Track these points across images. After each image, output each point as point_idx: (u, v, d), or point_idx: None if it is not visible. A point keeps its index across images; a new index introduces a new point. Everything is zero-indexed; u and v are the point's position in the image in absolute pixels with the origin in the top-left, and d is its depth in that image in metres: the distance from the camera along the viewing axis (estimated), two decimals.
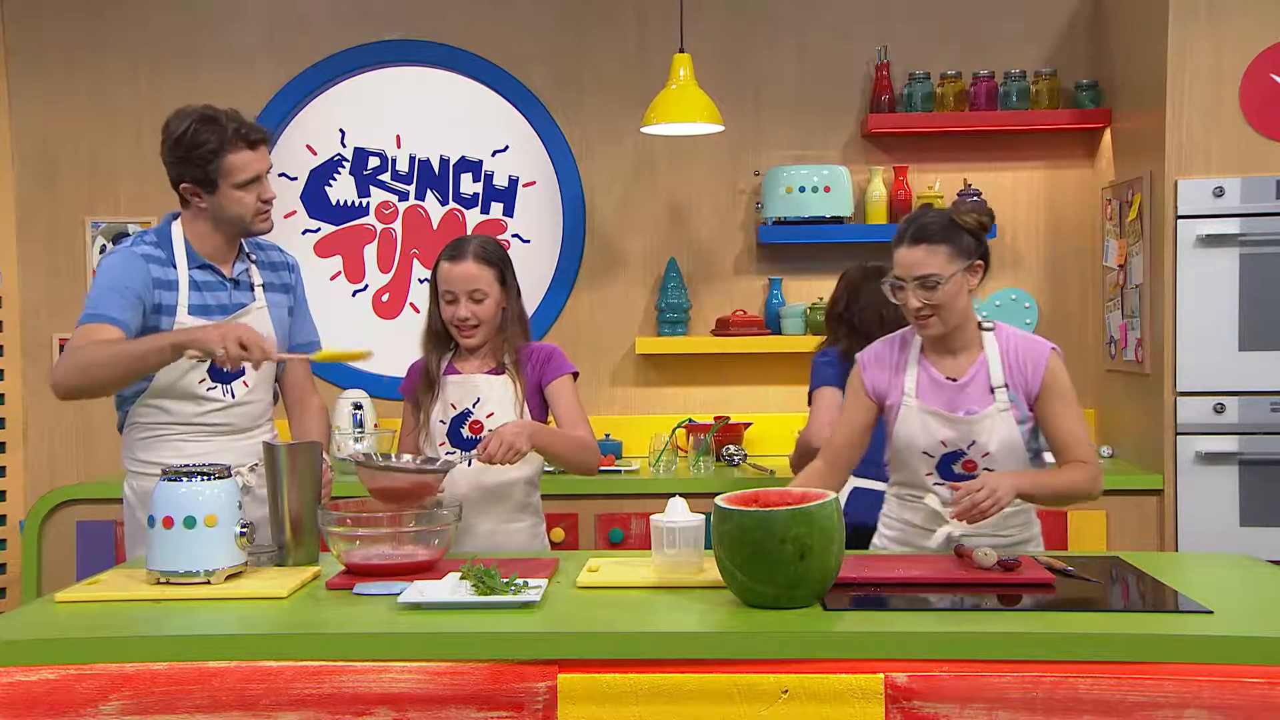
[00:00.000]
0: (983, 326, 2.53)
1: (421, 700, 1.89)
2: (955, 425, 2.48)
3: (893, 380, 2.56)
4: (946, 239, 2.45)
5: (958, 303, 2.46)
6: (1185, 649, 1.86)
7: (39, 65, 4.24)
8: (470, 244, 2.75)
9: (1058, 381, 2.48)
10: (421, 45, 4.26)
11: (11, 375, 4.22)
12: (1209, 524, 3.57)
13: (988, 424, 2.47)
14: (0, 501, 4.19)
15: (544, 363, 2.77)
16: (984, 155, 4.24)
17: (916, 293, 2.44)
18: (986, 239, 2.51)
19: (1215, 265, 3.56)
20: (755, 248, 4.27)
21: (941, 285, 2.43)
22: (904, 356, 2.57)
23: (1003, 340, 2.52)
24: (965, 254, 2.46)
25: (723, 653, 1.91)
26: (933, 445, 2.50)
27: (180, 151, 2.56)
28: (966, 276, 2.47)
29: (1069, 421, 2.48)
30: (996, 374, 2.49)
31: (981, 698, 1.86)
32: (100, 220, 4.24)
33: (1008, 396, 2.48)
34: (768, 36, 4.26)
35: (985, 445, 2.46)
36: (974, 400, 2.48)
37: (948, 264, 2.43)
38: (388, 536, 2.30)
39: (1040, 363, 2.48)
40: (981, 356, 2.51)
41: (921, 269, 2.44)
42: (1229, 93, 3.56)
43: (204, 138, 2.54)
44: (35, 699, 1.89)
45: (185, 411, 2.64)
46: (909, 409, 2.51)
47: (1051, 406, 2.48)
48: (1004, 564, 2.22)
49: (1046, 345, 2.51)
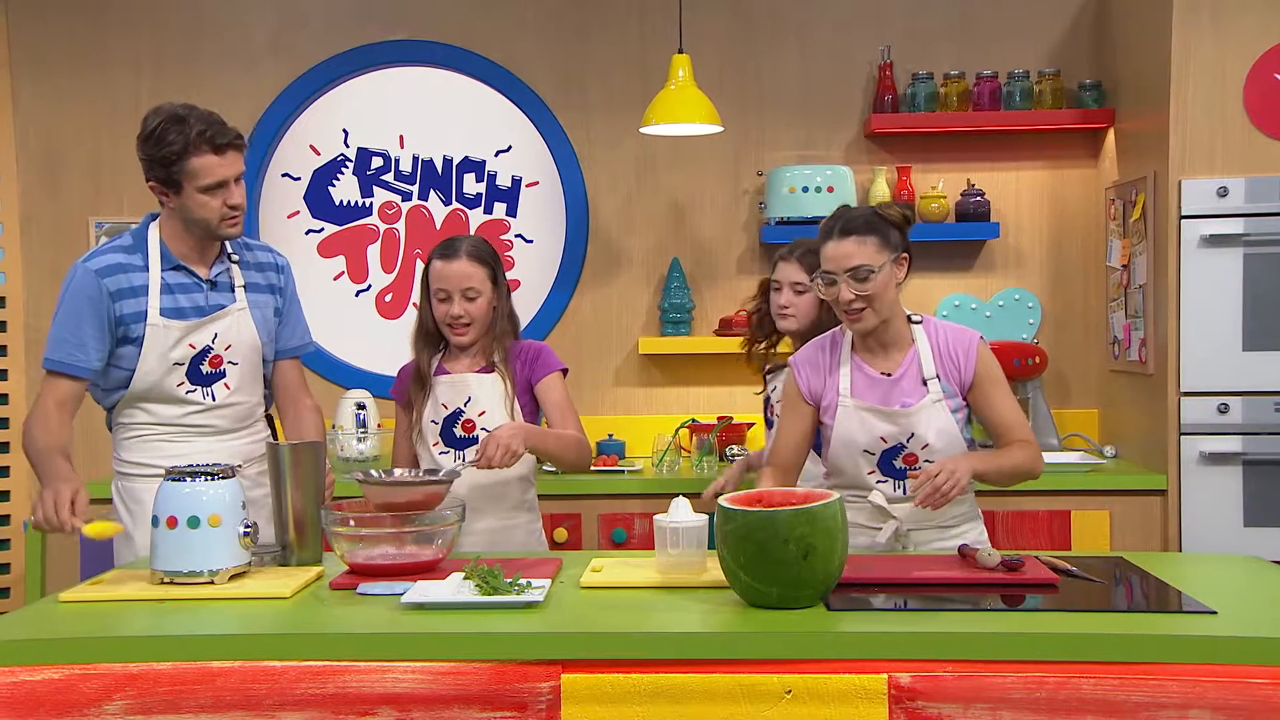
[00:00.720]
0: (911, 320, 2.58)
1: (425, 700, 1.90)
2: (893, 419, 2.50)
3: (827, 381, 2.58)
4: (873, 231, 2.49)
5: (888, 294, 2.50)
6: (1189, 649, 1.86)
7: (43, 65, 4.24)
8: (463, 243, 2.75)
9: (989, 368, 2.54)
10: (425, 45, 4.26)
11: (15, 375, 4.23)
12: (1213, 524, 3.56)
13: (924, 415, 2.50)
14: (4, 501, 4.19)
15: (533, 360, 2.78)
16: (987, 155, 4.24)
17: (849, 285, 2.47)
18: (909, 232, 2.56)
19: (1219, 265, 3.55)
20: (758, 248, 4.27)
21: (874, 275, 2.46)
22: (835, 357, 2.60)
23: (931, 332, 2.57)
24: (892, 246, 2.50)
25: (726, 653, 1.91)
26: (872, 442, 2.52)
27: (148, 149, 2.55)
28: (894, 269, 2.51)
29: (1006, 405, 2.54)
30: (929, 366, 2.53)
31: (985, 698, 1.86)
32: (104, 220, 4.25)
33: (940, 387, 2.52)
34: (771, 36, 4.26)
35: (924, 437, 2.49)
36: (907, 394, 2.52)
37: (877, 255, 2.48)
38: (391, 537, 2.30)
39: (971, 351, 2.53)
40: (913, 350, 2.55)
41: (852, 260, 2.47)
42: (1233, 92, 3.56)
43: (170, 138, 2.51)
44: (40, 699, 1.89)
45: (168, 413, 2.65)
46: (845, 409, 2.53)
47: (986, 391, 2.53)
48: (1007, 564, 2.22)
49: (974, 334, 2.57)
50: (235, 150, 2.56)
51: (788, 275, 2.99)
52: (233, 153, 2.56)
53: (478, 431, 2.72)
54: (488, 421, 2.72)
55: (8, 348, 4.22)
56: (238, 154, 2.57)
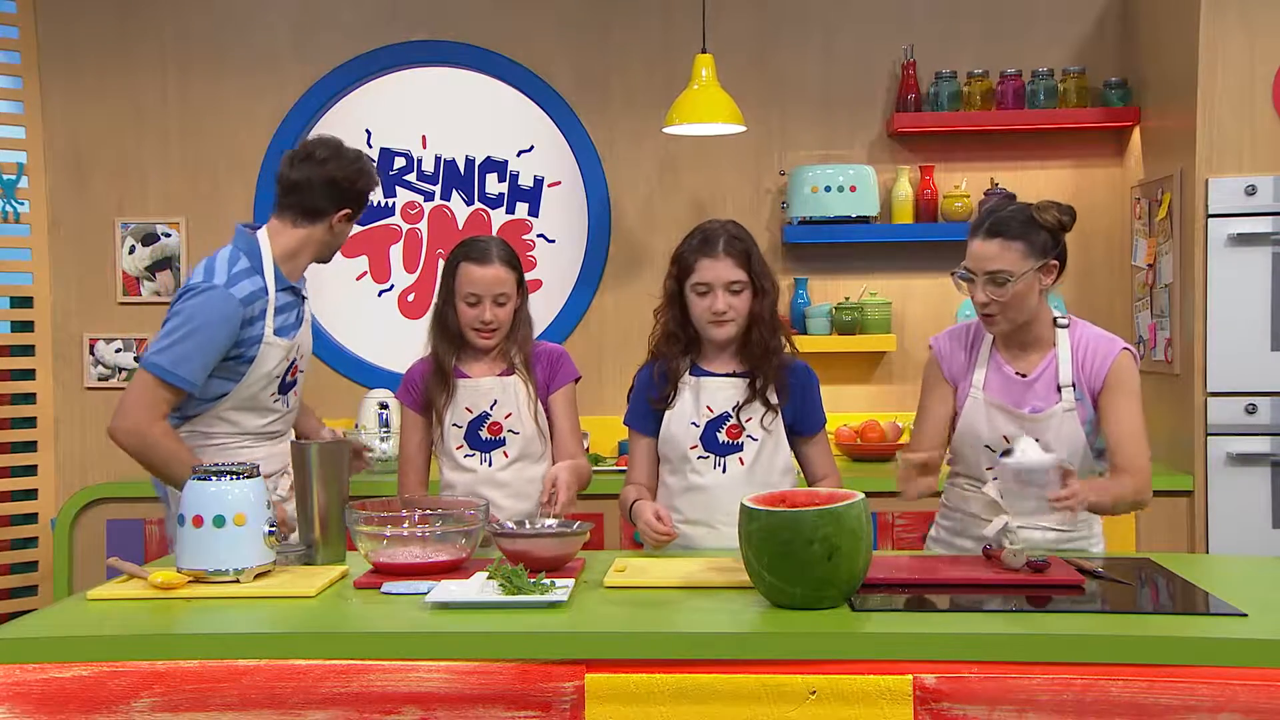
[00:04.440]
0: (1058, 323, 2.48)
1: (449, 699, 1.90)
2: (1020, 421, 2.44)
3: (965, 369, 2.52)
4: (1022, 235, 2.38)
5: (1026, 302, 2.40)
6: (1220, 652, 1.84)
7: (71, 68, 4.28)
8: (493, 247, 2.74)
9: (1121, 379, 2.42)
10: (447, 46, 4.27)
11: (43, 375, 4.26)
12: (1240, 526, 3.53)
13: (1053, 423, 2.43)
14: (31, 500, 4.23)
15: (553, 365, 2.78)
16: (1011, 154, 4.21)
17: (985, 288, 2.39)
18: (1064, 237, 2.44)
19: (1247, 264, 3.52)
20: (780, 247, 4.26)
21: (1011, 283, 2.37)
22: (976, 348, 2.53)
23: (1075, 338, 2.47)
24: (1040, 252, 2.39)
25: (750, 653, 1.91)
26: (995, 440, 2.46)
27: (349, 174, 2.71)
28: (1039, 276, 2.40)
29: (1124, 421, 2.41)
30: (1066, 372, 2.44)
31: (1011, 700, 1.84)
32: (130, 221, 4.28)
33: (1074, 395, 2.43)
34: (793, 36, 4.25)
35: (1050, 444, 2.40)
36: (1040, 397, 2.45)
37: (1020, 261, 2.37)
38: (415, 536, 2.31)
39: (1108, 359, 2.43)
40: (1052, 353, 2.47)
41: (993, 264, 2.38)
42: (1262, 90, 3.52)
43: (372, 173, 2.77)
44: (69, 695, 1.91)
45: (253, 423, 2.73)
46: (975, 401, 2.48)
47: (1109, 400, 2.42)
48: (1033, 565, 2.21)
49: (1120, 343, 2.46)
50: None
51: (720, 274, 2.54)
52: None
53: (504, 434, 2.72)
54: (515, 424, 2.72)
55: (35, 347, 4.25)
56: None
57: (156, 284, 4.28)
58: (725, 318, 2.54)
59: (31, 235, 4.25)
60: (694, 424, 2.59)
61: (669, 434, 2.61)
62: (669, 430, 2.61)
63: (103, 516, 3.82)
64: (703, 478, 2.58)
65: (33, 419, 4.24)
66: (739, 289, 2.55)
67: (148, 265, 4.28)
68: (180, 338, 2.59)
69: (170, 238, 4.27)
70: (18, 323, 4.24)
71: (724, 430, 2.58)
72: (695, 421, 2.59)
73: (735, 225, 2.62)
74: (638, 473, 2.69)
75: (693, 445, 2.59)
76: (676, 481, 2.62)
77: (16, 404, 4.22)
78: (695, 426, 2.59)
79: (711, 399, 2.60)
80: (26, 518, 4.21)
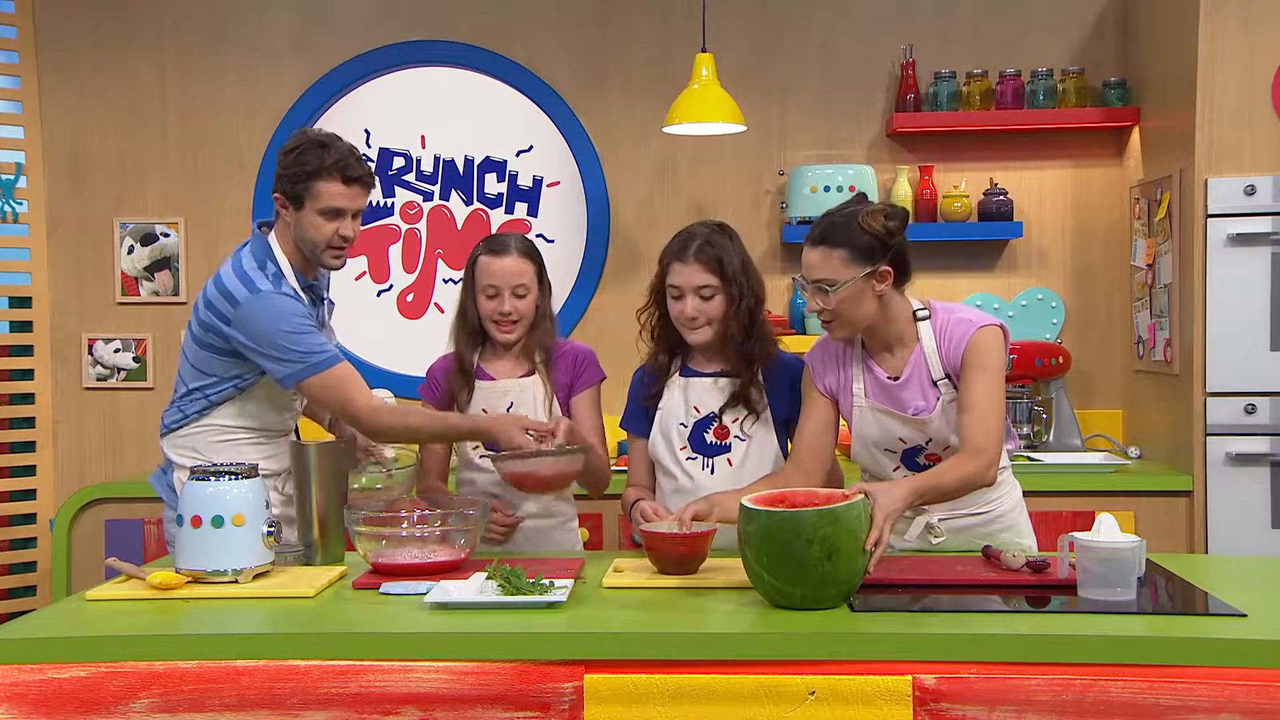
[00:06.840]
0: (918, 317, 2.40)
1: (448, 700, 1.90)
2: (907, 424, 2.42)
3: (840, 378, 2.49)
4: (845, 242, 2.30)
5: (859, 309, 2.33)
6: (1219, 652, 1.84)
7: (68, 66, 4.27)
8: (512, 239, 2.74)
9: (975, 356, 2.32)
10: (446, 45, 4.27)
11: (41, 375, 4.26)
12: (1239, 526, 3.53)
13: (939, 422, 2.39)
14: (30, 500, 4.22)
15: (578, 365, 2.76)
16: (1010, 154, 4.21)
17: (814, 296, 2.35)
18: (896, 241, 2.32)
19: (1246, 264, 3.52)
20: (779, 247, 4.26)
21: (833, 291, 2.31)
22: (848, 354, 2.48)
23: (937, 327, 2.39)
24: (866, 259, 2.29)
25: (749, 654, 1.91)
26: (891, 442, 2.45)
27: (285, 162, 2.62)
28: (870, 283, 2.31)
29: (973, 397, 2.29)
30: (936, 367, 2.38)
31: (1010, 700, 1.84)
32: (129, 221, 4.28)
33: (951, 386, 2.38)
34: (793, 35, 4.25)
35: (944, 440, 2.39)
36: (918, 397, 2.40)
37: (843, 269, 2.30)
38: (414, 537, 2.31)
39: (964, 339, 2.34)
40: (917, 351, 2.40)
41: (816, 272, 2.33)
42: (1261, 90, 3.52)
43: (307, 158, 2.59)
44: (67, 696, 1.90)
45: (271, 419, 2.70)
46: (860, 409, 2.46)
47: (963, 377, 2.33)
48: (1032, 565, 2.21)
49: (979, 322, 2.36)
50: (362, 186, 2.63)
51: (689, 279, 2.53)
52: (359, 188, 2.62)
53: None
54: None
55: (33, 347, 4.25)
56: (364, 191, 2.64)
57: (155, 284, 4.28)
58: (695, 323, 2.54)
59: (30, 235, 4.24)
60: (682, 424, 2.60)
61: (657, 435, 2.62)
62: (658, 432, 2.62)
63: (101, 517, 3.82)
64: (692, 479, 2.58)
65: (31, 419, 4.24)
66: (710, 294, 2.54)
67: (146, 265, 4.28)
68: (299, 336, 2.53)
69: (169, 238, 4.27)
70: (16, 323, 4.24)
71: (711, 431, 2.59)
72: (684, 422, 2.60)
73: (718, 229, 2.59)
74: (638, 474, 2.69)
75: (681, 446, 2.60)
76: (667, 483, 2.62)
77: (15, 404, 4.22)
78: (684, 427, 2.60)
79: (699, 399, 2.60)
80: (25, 518, 4.20)
